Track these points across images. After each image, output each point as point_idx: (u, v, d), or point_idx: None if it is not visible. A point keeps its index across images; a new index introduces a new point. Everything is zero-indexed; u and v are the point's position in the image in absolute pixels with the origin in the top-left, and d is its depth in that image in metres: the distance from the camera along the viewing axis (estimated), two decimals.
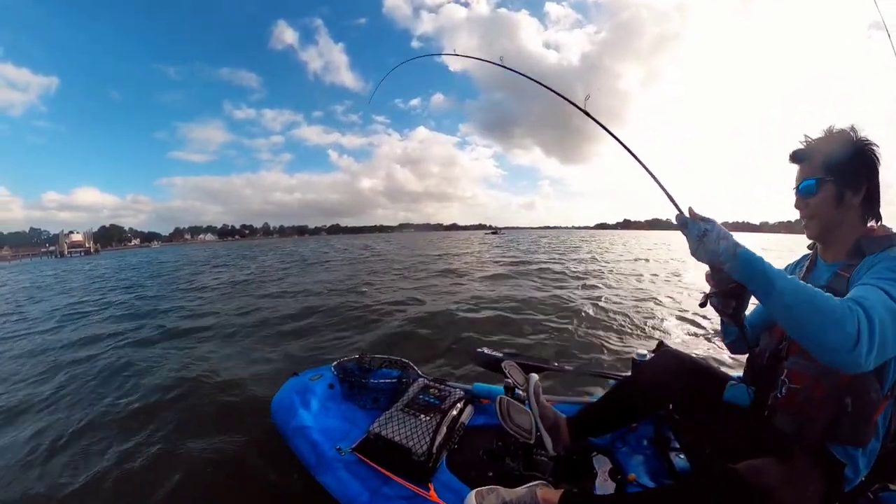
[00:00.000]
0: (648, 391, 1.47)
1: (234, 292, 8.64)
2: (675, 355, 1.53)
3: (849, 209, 1.12)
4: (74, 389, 3.11)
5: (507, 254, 16.79)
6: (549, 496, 1.24)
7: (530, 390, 1.59)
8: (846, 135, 1.12)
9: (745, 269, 0.93)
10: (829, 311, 0.84)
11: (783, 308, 0.89)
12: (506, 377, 1.80)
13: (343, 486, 1.44)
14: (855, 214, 1.13)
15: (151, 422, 2.44)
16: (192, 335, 4.83)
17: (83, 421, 2.50)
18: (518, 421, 1.49)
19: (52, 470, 2.00)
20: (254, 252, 27.89)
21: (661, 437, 1.63)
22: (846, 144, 1.11)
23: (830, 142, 1.14)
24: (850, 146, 1.10)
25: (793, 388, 1.14)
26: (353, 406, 1.96)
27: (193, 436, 2.21)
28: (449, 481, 1.47)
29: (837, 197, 1.12)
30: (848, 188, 1.11)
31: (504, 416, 1.49)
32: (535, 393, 1.58)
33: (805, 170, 1.18)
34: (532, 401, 1.56)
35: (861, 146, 1.10)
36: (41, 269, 22.84)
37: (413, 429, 1.61)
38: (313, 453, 1.59)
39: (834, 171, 1.11)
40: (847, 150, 1.11)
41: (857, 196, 1.11)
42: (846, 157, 1.10)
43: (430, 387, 1.94)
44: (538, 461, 1.51)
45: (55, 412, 2.68)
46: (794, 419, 1.12)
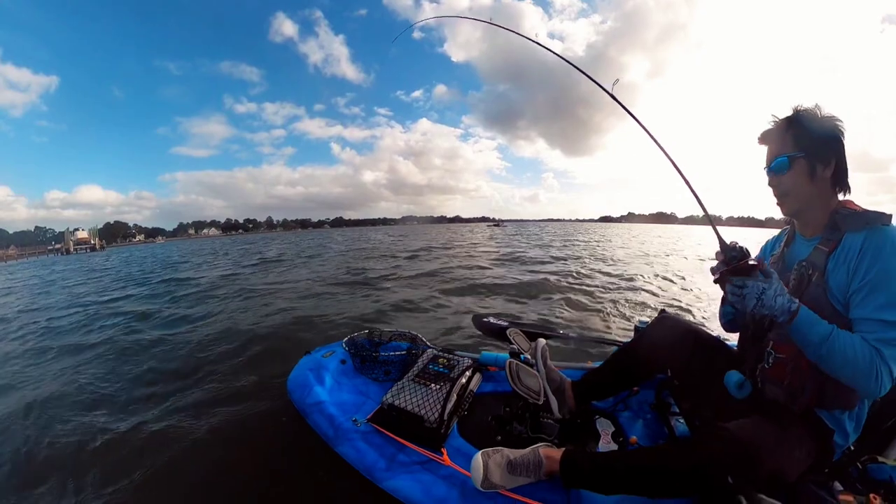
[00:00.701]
0: (648, 356, 1.53)
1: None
2: (675, 322, 1.58)
3: (820, 183, 1.15)
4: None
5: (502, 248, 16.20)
6: (551, 454, 1.31)
7: (538, 353, 1.65)
8: (812, 111, 1.16)
9: (795, 329, 1.02)
10: (859, 366, 0.96)
11: (817, 356, 1.02)
12: (510, 344, 1.86)
13: (361, 455, 1.52)
14: (826, 187, 1.17)
15: (170, 401, 2.54)
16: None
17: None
18: (527, 383, 1.54)
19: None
20: (257, 246, 27.94)
21: (662, 402, 1.70)
22: (814, 121, 1.15)
23: (801, 119, 1.17)
24: (817, 122, 1.15)
25: (779, 358, 1.20)
26: (365, 379, 2.03)
27: (213, 416, 2.30)
28: (461, 446, 1.54)
29: (810, 171, 1.15)
30: (819, 162, 1.14)
31: (514, 379, 1.54)
32: (542, 356, 1.64)
33: (776, 147, 1.21)
34: (539, 363, 1.62)
35: (828, 122, 1.14)
36: (52, 266, 22.36)
37: (424, 398, 1.67)
38: (331, 426, 1.66)
39: (804, 146, 1.14)
40: (815, 126, 1.14)
41: (828, 169, 1.14)
42: (815, 132, 1.14)
43: (438, 357, 2.00)
44: (544, 424, 1.58)
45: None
46: (783, 388, 1.18)
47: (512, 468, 1.29)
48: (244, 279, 8.83)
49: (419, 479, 1.39)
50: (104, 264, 19.34)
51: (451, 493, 1.33)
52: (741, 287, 1.02)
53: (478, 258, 11.02)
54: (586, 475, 1.23)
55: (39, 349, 4.12)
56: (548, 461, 1.30)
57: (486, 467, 1.27)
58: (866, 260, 1.03)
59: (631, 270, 8.22)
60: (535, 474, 1.30)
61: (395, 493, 1.37)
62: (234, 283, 8.07)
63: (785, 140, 1.18)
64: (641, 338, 1.59)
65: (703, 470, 1.04)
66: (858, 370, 0.97)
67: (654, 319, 1.68)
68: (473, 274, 7.94)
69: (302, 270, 9.76)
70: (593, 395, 1.62)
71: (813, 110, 1.16)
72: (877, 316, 0.99)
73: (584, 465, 1.24)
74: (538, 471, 1.30)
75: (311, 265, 10.99)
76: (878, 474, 1.26)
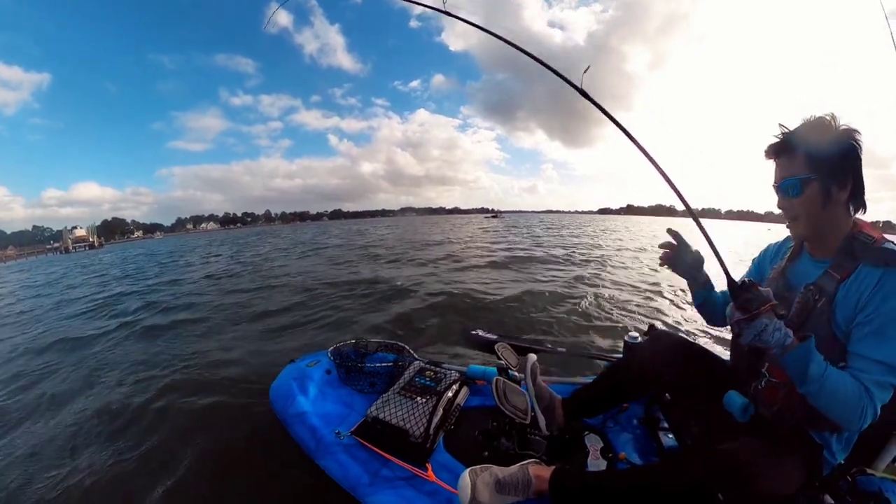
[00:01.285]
0: (640, 374, 1.49)
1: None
2: (666, 338, 1.55)
3: (835, 206, 1.06)
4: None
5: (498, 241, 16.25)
6: (540, 472, 1.29)
7: (527, 370, 1.62)
8: (826, 124, 1.03)
9: (790, 362, 0.96)
10: (848, 404, 0.94)
11: (808, 393, 0.98)
12: (498, 359, 1.84)
13: (344, 469, 1.48)
14: (842, 210, 1.07)
15: (146, 415, 2.46)
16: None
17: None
18: (514, 402, 1.52)
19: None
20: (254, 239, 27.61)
21: (651, 417, 1.69)
22: (828, 136, 1.03)
23: (811, 134, 1.05)
24: (832, 138, 1.02)
25: (773, 382, 1.17)
26: (350, 390, 1.99)
27: (193, 425, 2.24)
28: (446, 461, 1.51)
29: (824, 195, 1.04)
30: (834, 184, 1.03)
31: (500, 398, 1.52)
32: (532, 373, 1.62)
33: (785, 166, 1.10)
34: (528, 381, 1.59)
35: (844, 137, 1.02)
36: (50, 267, 21.10)
37: (410, 411, 1.64)
38: (313, 438, 1.62)
39: (818, 167, 1.03)
40: (830, 142, 1.02)
41: (844, 191, 1.04)
42: (830, 151, 1.02)
43: (425, 369, 1.97)
44: (532, 440, 1.56)
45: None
46: (773, 412, 1.17)
47: (500, 487, 1.26)
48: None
49: (403, 495, 1.36)
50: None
51: None
52: (742, 327, 0.96)
53: (470, 259, 10.73)
54: (576, 495, 1.21)
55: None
56: (537, 480, 1.27)
57: (473, 487, 1.23)
58: (878, 298, 0.96)
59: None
60: (524, 493, 1.27)
61: None
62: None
63: (795, 159, 1.07)
64: (633, 355, 1.57)
65: (694, 491, 1.03)
66: (847, 408, 0.94)
67: (647, 337, 1.67)
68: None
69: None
70: (583, 413, 1.61)
71: (826, 122, 1.03)
72: (879, 357, 0.95)
73: (573, 485, 1.22)
74: (527, 490, 1.27)
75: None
76: (868, 486, 1.25)
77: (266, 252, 16.19)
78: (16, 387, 3.16)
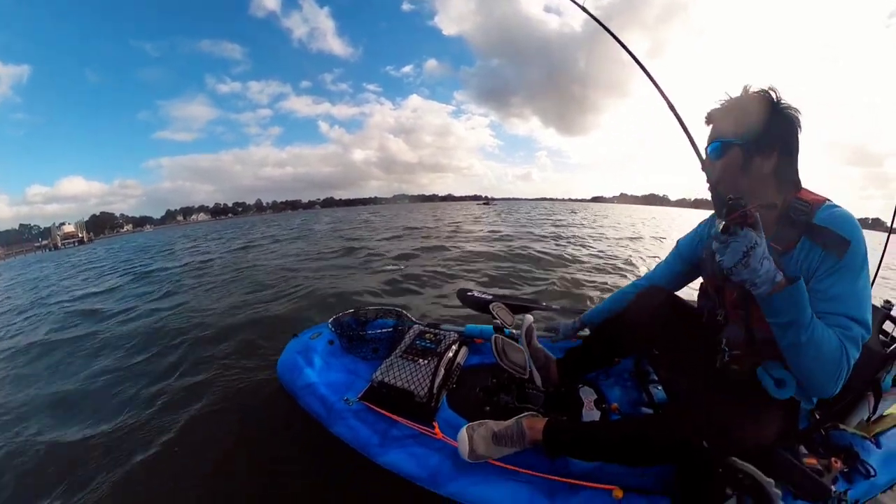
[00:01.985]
0: (630, 329, 1.53)
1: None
2: (654, 294, 1.56)
3: (759, 177, 1.08)
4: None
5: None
6: (534, 424, 1.38)
7: (523, 331, 1.69)
8: (765, 96, 1.05)
9: (780, 304, 0.91)
10: (828, 362, 0.92)
11: (794, 343, 0.94)
12: (494, 318, 1.91)
13: (355, 433, 1.57)
14: (767, 183, 1.08)
15: (168, 392, 2.56)
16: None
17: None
18: (513, 358, 1.60)
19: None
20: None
21: (641, 371, 1.80)
22: (760, 107, 1.04)
23: (745, 103, 1.08)
24: (763, 110, 1.04)
25: (735, 355, 1.21)
26: (354, 358, 2.07)
27: (207, 405, 2.33)
28: (451, 418, 1.61)
29: (743, 163, 1.07)
30: (757, 154, 1.05)
31: (500, 354, 1.60)
32: (527, 334, 1.68)
33: (715, 130, 1.14)
34: (524, 342, 1.67)
35: (777, 111, 1.04)
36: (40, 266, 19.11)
37: (413, 373, 1.72)
38: (323, 407, 1.70)
39: (742, 134, 1.06)
40: (760, 113, 1.04)
41: (768, 162, 1.06)
42: (758, 121, 1.04)
43: (425, 332, 2.05)
44: (530, 394, 1.66)
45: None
46: (742, 376, 1.20)
47: (497, 439, 1.36)
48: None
49: (412, 452, 1.46)
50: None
51: (443, 463, 1.40)
52: (730, 235, 0.87)
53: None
54: (568, 445, 1.32)
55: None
56: (531, 432, 1.37)
57: (471, 440, 1.34)
58: (826, 271, 0.97)
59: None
60: (520, 444, 1.38)
61: (390, 467, 1.43)
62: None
63: (726, 123, 1.10)
64: (624, 310, 1.58)
65: (677, 444, 1.11)
66: (827, 366, 0.93)
67: (638, 292, 1.72)
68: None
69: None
70: (577, 369, 1.68)
71: (766, 94, 1.05)
72: (845, 312, 0.95)
73: (565, 435, 1.33)
74: (522, 441, 1.37)
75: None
76: (840, 440, 1.39)
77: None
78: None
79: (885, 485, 1.46)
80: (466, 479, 1.34)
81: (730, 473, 1.13)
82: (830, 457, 1.32)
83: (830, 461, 1.29)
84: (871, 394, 1.42)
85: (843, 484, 1.33)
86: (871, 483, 1.38)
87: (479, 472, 1.35)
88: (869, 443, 1.46)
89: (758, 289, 0.90)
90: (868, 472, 1.38)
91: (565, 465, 1.37)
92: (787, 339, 0.96)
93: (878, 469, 1.40)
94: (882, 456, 1.46)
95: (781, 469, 1.20)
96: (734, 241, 0.86)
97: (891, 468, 1.47)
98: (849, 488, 1.29)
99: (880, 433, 1.51)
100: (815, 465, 1.26)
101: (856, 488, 1.34)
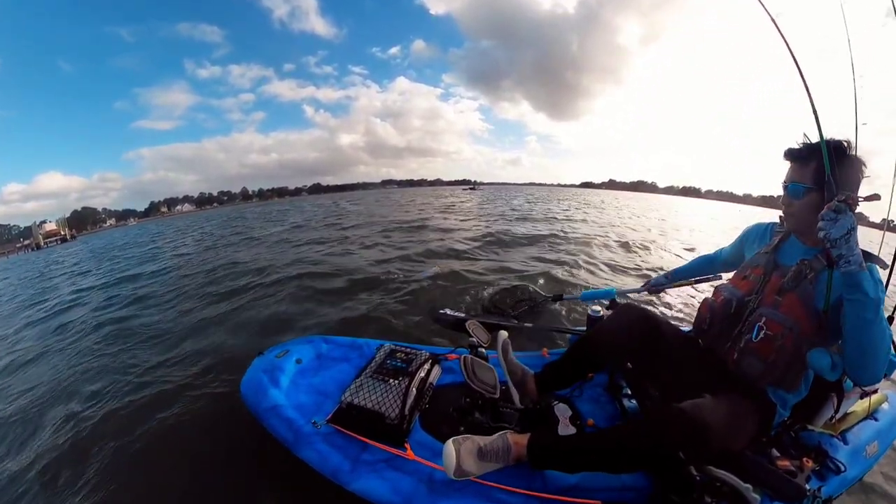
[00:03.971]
0: (604, 345, 1.60)
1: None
2: (628, 311, 1.65)
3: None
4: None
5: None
6: (518, 440, 1.37)
7: (499, 347, 1.68)
8: (840, 148, 1.19)
9: (865, 281, 1.06)
10: (884, 346, 1.09)
11: (865, 320, 1.07)
12: (469, 336, 1.88)
13: (324, 458, 1.49)
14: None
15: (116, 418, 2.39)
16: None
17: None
18: (483, 377, 1.57)
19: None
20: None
21: (615, 385, 1.82)
22: (838, 158, 1.16)
23: (825, 153, 1.18)
24: (840, 161, 1.16)
25: (769, 335, 1.27)
26: (323, 378, 1.98)
27: (161, 431, 2.20)
28: (424, 440, 1.56)
29: (819, 204, 1.17)
30: (830, 198, 1.15)
31: (469, 375, 1.57)
32: (503, 350, 1.67)
33: (796, 172, 1.29)
34: (500, 357, 1.66)
35: (850, 164, 1.19)
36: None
37: (384, 394, 1.65)
38: (290, 431, 1.61)
39: (821, 181, 1.18)
40: (838, 164, 1.15)
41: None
42: (835, 170, 1.16)
43: (396, 351, 1.98)
44: (504, 413, 1.63)
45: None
46: (764, 364, 1.27)
47: (482, 455, 1.33)
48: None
49: (385, 476, 1.40)
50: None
51: (418, 487, 1.35)
52: (839, 213, 1.04)
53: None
54: (552, 457, 1.32)
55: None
56: (516, 447, 1.36)
57: (458, 455, 1.29)
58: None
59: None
60: (505, 460, 1.35)
61: (362, 494, 1.37)
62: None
63: (806, 169, 1.26)
64: (599, 328, 1.67)
65: (657, 448, 1.13)
66: (883, 347, 1.09)
67: (610, 310, 1.79)
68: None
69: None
70: (554, 385, 1.68)
71: (842, 146, 1.19)
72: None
73: (549, 449, 1.33)
74: (507, 456, 1.35)
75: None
76: (809, 440, 1.46)
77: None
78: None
79: (854, 478, 1.52)
80: (443, 502, 1.29)
81: (707, 482, 1.16)
82: (802, 457, 1.35)
83: (802, 461, 1.33)
84: (835, 395, 1.48)
85: (816, 482, 1.37)
86: (843, 478, 1.44)
87: (456, 494, 1.31)
88: (836, 440, 1.51)
89: (850, 265, 1.05)
90: (838, 468, 1.43)
91: (545, 482, 1.35)
92: (860, 316, 1.08)
93: (847, 464, 1.45)
94: (849, 451, 1.51)
95: (757, 473, 1.23)
96: (842, 218, 1.04)
97: (858, 461, 1.52)
98: (822, 485, 1.34)
99: (846, 430, 1.57)
100: (788, 467, 1.29)
101: (829, 484, 1.39)
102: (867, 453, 1.56)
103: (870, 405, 1.63)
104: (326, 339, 2.30)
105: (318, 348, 2.21)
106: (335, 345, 2.28)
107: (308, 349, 2.18)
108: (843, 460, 1.45)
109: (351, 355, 2.18)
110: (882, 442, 1.63)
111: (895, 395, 1.88)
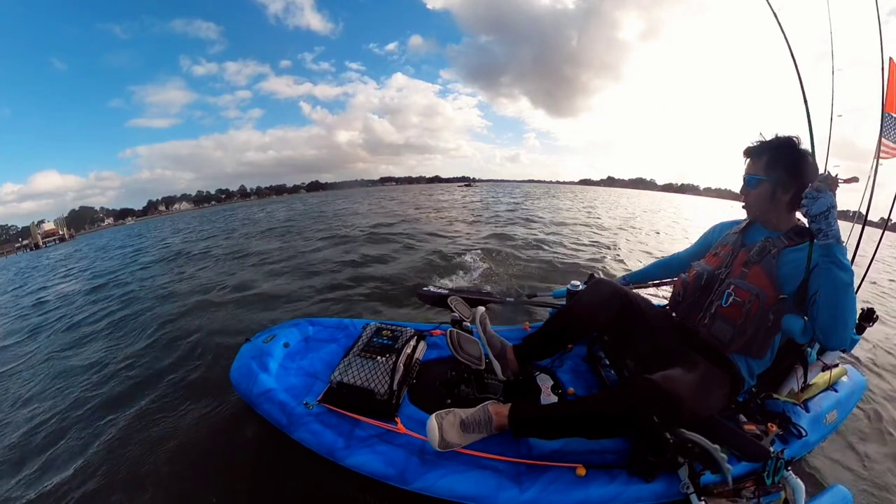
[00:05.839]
0: (583, 318, 1.67)
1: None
2: (605, 285, 1.72)
3: (778, 203, 1.40)
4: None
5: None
6: (500, 410, 1.44)
7: (477, 321, 1.73)
8: (790, 143, 1.36)
9: (838, 252, 1.16)
10: (852, 309, 1.18)
11: (843, 285, 1.16)
12: (452, 311, 1.93)
13: (318, 437, 1.52)
14: (783, 207, 1.41)
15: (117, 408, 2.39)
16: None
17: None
18: (469, 350, 1.62)
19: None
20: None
21: (593, 356, 1.91)
22: (786, 153, 1.35)
23: (775, 148, 1.39)
24: (788, 156, 1.35)
25: (737, 301, 1.39)
26: (311, 360, 2.02)
27: (155, 426, 2.17)
28: (413, 413, 1.62)
29: (771, 194, 1.39)
30: (780, 188, 1.37)
31: (455, 348, 1.61)
32: (481, 324, 1.72)
33: (751, 165, 1.45)
34: (479, 331, 1.70)
35: (798, 156, 1.34)
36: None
37: (372, 371, 1.69)
38: (283, 413, 1.64)
39: (772, 173, 1.38)
40: (786, 158, 1.35)
41: (787, 195, 1.38)
42: (784, 165, 1.35)
43: (382, 329, 2.01)
44: (489, 384, 1.70)
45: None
46: (733, 328, 1.38)
47: (464, 426, 1.39)
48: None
49: (378, 450, 1.45)
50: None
51: (410, 459, 1.41)
52: (819, 192, 1.15)
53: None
54: (532, 425, 1.39)
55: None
56: (497, 417, 1.42)
57: (440, 428, 1.35)
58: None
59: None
60: (487, 429, 1.42)
61: (357, 468, 1.42)
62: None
63: (759, 162, 1.41)
64: (577, 301, 1.73)
65: (632, 414, 1.21)
66: (851, 310, 1.18)
67: (588, 283, 1.86)
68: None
69: None
70: (534, 356, 1.74)
71: (791, 141, 1.36)
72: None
73: (529, 417, 1.40)
74: (489, 426, 1.41)
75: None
76: (774, 408, 1.58)
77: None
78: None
79: (815, 443, 1.64)
80: (434, 472, 1.35)
81: (680, 443, 1.24)
82: (767, 422, 1.46)
83: (767, 426, 1.43)
84: (800, 366, 1.58)
85: (779, 445, 1.48)
86: (804, 442, 1.55)
87: (447, 463, 1.37)
88: (799, 408, 1.62)
89: (828, 238, 1.15)
90: (800, 433, 1.54)
91: (529, 449, 1.42)
92: (838, 279, 1.16)
93: (809, 429, 1.56)
94: (811, 419, 1.62)
95: (725, 436, 1.33)
96: (822, 197, 1.14)
97: (819, 428, 1.64)
98: (784, 448, 1.44)
99: (808, 399, 1.68)
100: (754, 431, 1.40)
101: (791, 448, 1.50)
102: (827, 421, 1.67)
103: (830, 377, 1.74)
104: (312, 322, 2.33)
105: (305, 331, 2.24)
106: (321, 326, 2.31)
107: (294, 332, 2.20)
108: (804, 426, 1.55)
109: (338, 336, 2.21)
110: (841, 411, 1.75)
111: (854, 369, 2.02)
